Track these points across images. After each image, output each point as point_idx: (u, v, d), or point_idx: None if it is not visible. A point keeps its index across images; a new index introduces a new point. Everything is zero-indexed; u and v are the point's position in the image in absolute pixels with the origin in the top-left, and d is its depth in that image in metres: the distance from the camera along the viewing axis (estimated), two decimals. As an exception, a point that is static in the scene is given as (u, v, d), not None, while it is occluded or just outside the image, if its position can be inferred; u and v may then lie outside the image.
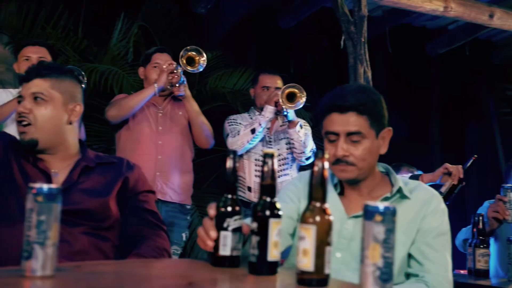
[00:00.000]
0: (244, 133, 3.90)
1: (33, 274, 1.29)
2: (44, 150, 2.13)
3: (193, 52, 3.82)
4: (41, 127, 2.10)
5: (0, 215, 1.99)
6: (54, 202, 1.33)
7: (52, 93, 2.13)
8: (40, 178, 2.07)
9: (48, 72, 2.17)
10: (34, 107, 2.10)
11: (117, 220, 2.14)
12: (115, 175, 2.19)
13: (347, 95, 1.93)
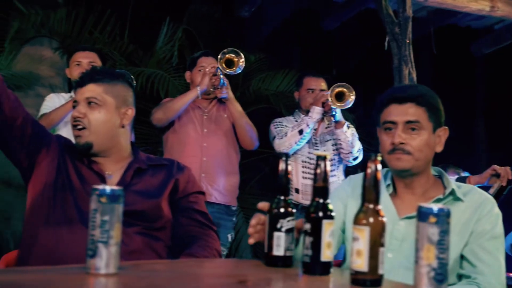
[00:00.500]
0: (292, 134, 3.94)
1: (97, 272, 1.35)
2: (98, 153, 2.20)
3: (232, 54, 3.86)
4: (95, 130, 2.17)
5: (59, 216, 2.06)
6: (116, 203, 1.38)
7: (105, 98, 2.20)
8: (95, 180, 2.14)
9: (101, 77, 2.24)
10: (88, 111, 2.18)
11: (168, 221, 2.19)
12: (167, 177, 2.24)
13: (406, 88, 1.99)
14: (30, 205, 2.14)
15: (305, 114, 4.09)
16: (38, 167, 2.15)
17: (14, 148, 2.10)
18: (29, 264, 2.01)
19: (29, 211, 2.14)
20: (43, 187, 2.12)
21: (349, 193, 2.08)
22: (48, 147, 2.17)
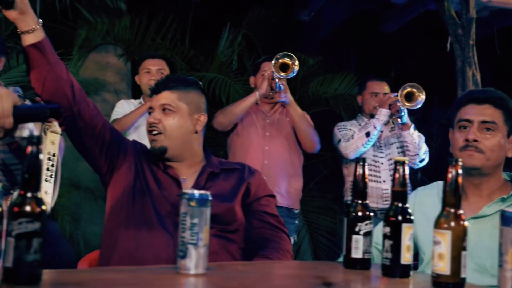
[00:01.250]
0: (359, 136, 3.96)
1: (187, 272, 1.42)
2: (173, 158, 2.28)
3: (286, 58, 3.89)
4: (169, 135, 2.25)
5: (138, 219, 2.15)
6: (205, 207, 1.45)
7: (179, 104, 2.28)
8: (171, 184, 2.23)
9: (175, 84, 2.32)
10: (163, 117, 2.26)
11: (242, 224, 2.25)
12: (239, 180, 2.31)
13: (485, 90, 2.03)
14: (110, 208, 2.24)
15: (368, 117, 4.11)
16: (116, 172, 2.24)
17: (94, 155, 2.20)
18: (110, 265, 2.10)
19: (109, 214, 2.24)
20: (122, 191, 2.21)
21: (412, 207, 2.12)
22: (125, 153, 2.27)
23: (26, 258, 1.22)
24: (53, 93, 1.98)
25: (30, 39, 1.91)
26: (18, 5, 1.85)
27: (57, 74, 1.99)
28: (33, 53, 1.94)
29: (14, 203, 1.24)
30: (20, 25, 1.90)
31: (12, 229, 1.22)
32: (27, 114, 1.53)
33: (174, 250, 2.07)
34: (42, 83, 1.96)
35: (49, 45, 1.99)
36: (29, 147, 1.26)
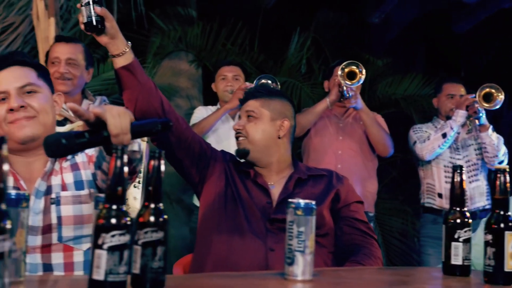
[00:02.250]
0: (435, 137, 3.95)
1: (295, 278, 1.48)
2: (256, 161, 2.36)
3: (353, 66, 3.88)
4: (252, 139, 2.34)
5: (230, 226, 2.23)
6: (310, 215, 1.51)
7: (262, 111, 2.37)
8: (260, 191, 2.31)
9: (260, 93, 2.43)
10: (246, 123, 2.36)
11: (331, 228, 2.30)
12: (327, 186, 2.36)
13: None
14: (203, 216, 2.34)
15: (444, 120, 4.09)
16: (208, 181, 2.34)
17: (186, 167, 2.30)
18: (204, 271, 2.19)
19: (201, 221, 2.34)
20: (214, 199, 2.31)
21: None
22: (215, 162, 2.36)
23: (152, 265, 1.31)
24: (145, 111, 2.08)
25: (121, 62, 2.01)
26: (109, 31, 1.95)
27: (148, 93, 2.09)
28: (124, 75, 2.04)
29: (139, 214, 1.33)
30: (111, 49, 2.00)
31: (138, 238, 1.31)
32: (142, 129, 1.61)
33: (266, 255, 2.14)
34: (135, 103, 2.06)
35: (139, 65, 2.09)
36: (152, 161, 1.35)
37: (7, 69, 1.89)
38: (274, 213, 2.23)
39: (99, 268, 1.23)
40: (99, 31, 1.94)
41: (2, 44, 4.55)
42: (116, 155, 1.28)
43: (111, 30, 1.95)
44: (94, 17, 1.90)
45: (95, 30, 1.93)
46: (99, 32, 1.94)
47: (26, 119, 1.86)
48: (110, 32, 1.95)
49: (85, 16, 1.91)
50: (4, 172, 1.06)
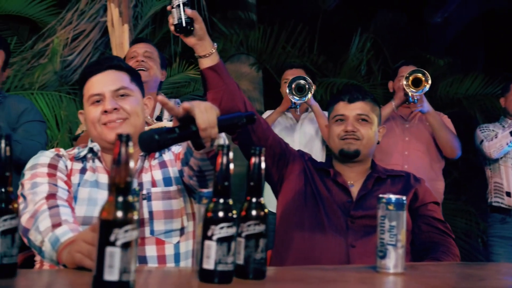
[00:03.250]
0: (503, 135, 3.92)
1: (387, 271, 1.53)
2: (359, 161, 2.40)
3: (419, 73, 3.86)
4: (366, 143, 2.39)
5: (311, 222, 2.30)
6: (401, 210, 1.56)
7: (372, 116, 2.42)
8: (340, 190, 2.36)
9: (368, 96, 2.47)
10: (360, 126, 2.40)
11: (408, 225, 2.33)
12: (405, 186, 2.40)
13: None
14: (282, 213, 2.40)
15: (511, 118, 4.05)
16: (287, 180, 2.41)
17: (267, 165, 2.35)
18: (285, 265, 2.25)
19: (280, 218, 2.40)
20: (293, 197, 2.37)
21: None
22: (294, 162, 2.42)
23: (255, 256, 1.38)
24: (229, 110, 2.10)
25: (207, 63, 2.10)
26: (197, 32, 2.04)
27: (232, 93, 2.17)
28: (210, 75, 2.12)
29: (241, 208, 1.41)
30: (198, 50, 2.08)
31: (242, 230, 1.39)
32: (228, 123, 1.67)
33: (347, 252, 2.19)
34: (219, 102, 2.13)
35: (224, 66, 2.17)
36: (253, 158, 1.42)
37: (103, 73, 1.98)
38: (354, 210, 2.28)
39: (209, 258, 1.31)
40: (188, 33, 2.02)
41: (74, 50, 4.74)
42: (222, 152, 1.36)
43: (199, 32, 2.03)
44: (185, 19, 1.99)
45: (184, 31, 2.01)
46: (188, 33, 2.02)
47: (119, 121, 1.96)
48: (198, 34, 2.03)
49: (176, 18, 1.99)
50: (131, 168, 1.15)
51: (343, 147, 2.39)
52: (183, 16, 1.99)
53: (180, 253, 1.93)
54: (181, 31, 2.02)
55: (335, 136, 2.42)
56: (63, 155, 1.98)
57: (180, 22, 1.99)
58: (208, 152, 1.71)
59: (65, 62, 4.78)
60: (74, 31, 4.76)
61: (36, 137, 2.88)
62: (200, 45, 2.06)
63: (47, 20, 4.99)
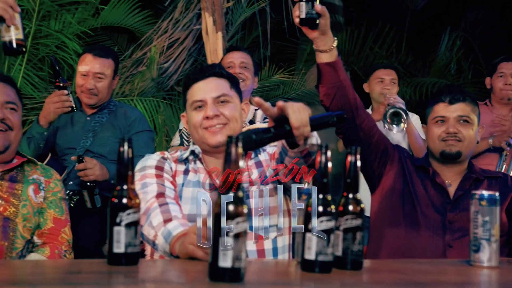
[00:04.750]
0: None
1: (481, 264, 1.59)
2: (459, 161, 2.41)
3: None
4: (467, 144, 2.39)
5: (408, 221, 2.32)
6: (494, 206, 1.61)
7: (473, 117, 2.42)
8: (437, 189, 2.37)
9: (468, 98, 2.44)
10: (462, 128, 2.40)
11: (506, 229, 2.32)
12: (504, 188, 2.36)
13: None
14: (377, 208, 2.45)
15: None
16: (385, 177, 2.43)
17: (368, 161, 2.39)
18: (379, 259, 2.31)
19: (375, 214, 2.45)
20: (390, 194, 2.40)
21: None
22: (394, 159, 2.45)
23: (352, 248, 1.48)
24: (340, 107, 2.19)
25: (326, 58, 2.13)
26: (322, 27, 2.07)
27: (346, 90, 2.20)
28: (327, 71, 2.16)
29: (339, 203, 1.51)
30: (318, 44, 2.11)
31: (339, 224, 1.49)
32: (320, 122, 1.76)
33: (444, 251, 2.22)
34: (332, 97, 2.19)
35: (341, 63, 2.20)
36: (349, 156, 1.52)
37: (206, 80, 2.11)
38: (451, 210, 2.30)
39: (310, 249, 1.42)
40: (314, 26, 2.04)
41: (170, 57, 4.98)
42: (321, 151, 1.46)
43: (324, 27, 2.07)
44: (314, 14, 2.01)
45: (311, 25, 2.04)
46: (313, 26, 2.04)
47: (219, 126, 2.09)
48: (322, 29, 2.07)
49: (304, 11, 2.02)
50: (241, 167, 1.28)
51: (445, 149, 2.39)
52: (312, 12, 2.01)
53: (277, 247, 2.04)
54: (307, 25, 2.04)
55: (435, 137, 2.42)
56: (168, 157, 2.13)
57: (309, 17, 2.01)
58: (302, 151, 1.81)
59: (161, 69, 5.04)
60: (169, 39, 5.01)
61: (142, 150, 3.08)
62: (322, 40, 2.09)
63: (144, 30, 5.28)
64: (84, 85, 3.16)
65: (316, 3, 2.02)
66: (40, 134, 3.00)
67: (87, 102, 3.20)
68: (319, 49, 2.13)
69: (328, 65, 2.14)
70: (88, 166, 2.87)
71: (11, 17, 1.88)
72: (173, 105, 4.98)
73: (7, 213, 2.07)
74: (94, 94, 3.18)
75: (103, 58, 3.22)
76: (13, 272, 1.46)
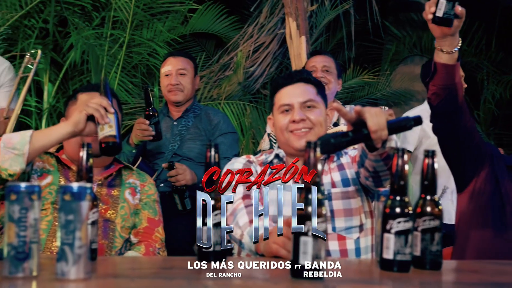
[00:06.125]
0: None
1: None
2: None
3: None
4: None
5: (497, 224, 2.29)
6: None
7: None
8: None
9: None
10: None
11: None
12: None
13: None
14: (465, 209, 2.37)
15: None
16: (477, 177, 2.35)
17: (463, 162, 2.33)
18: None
19: (463, 214, 2.39)
20: (480, 195, 2.35)
21: None
22: (485, 160, 2.39)
23: (431, 249, 1.52)
24: (446, 107, 2.16)
25: (446, 59, 2.06)
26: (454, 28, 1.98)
27: (456, 93, 2.15)
28: (442, 71, 2.09)
29: (416, 205, 1.55)
30: (442, 44, 2.04)
31: (417, 225, 1.53)
32: (397, 125, 1.79)
33: None
34: (442, 98, 2.14)
35: (459, 66, 2.14)
36: (426, 159, 1.56)
37: (293, 85, 2.19)
38: None
39: (388, 249, 1.48)
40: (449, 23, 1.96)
41: (255, 61, 5.11)
42: (397, 155, 1.51)
43: (455, 29, 2.01)
44: (452, 14, 1.95)
45: (446, 25, 1.97)
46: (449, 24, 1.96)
47: (304, 130, 2.15)
48: (453, 31, 2.00)
49: (443, 10, 1.95)
50: (319, 169, 1.36)
51: None
52: (452, 13, 1.95)
53: (360, 247, 2.09)
54: (441, 24, 1.97)
55: None
56: (253, 161, 2.23)
57: (447, 17, 1.95)
58: (381, 154, 1.86)
59: (247, 73, 5.17)
60: (255, 43, 5.14)
61: (227, 152, 3.20)
62: (447, 40, 2.03)
63: (230, 35, 5.44)
64: (169, 83, 3.33)
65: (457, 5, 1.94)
66: (129, 152, 3.19)
67: (174, 99, 3.35)
68: (442, 49, 2.06)
69: (445, 66, 2.08)
70: (179, 172, 3.03)
71: (102, 116, 2.02)
72: (259, 108, 5.10)
73: (107, 215, 2.23)
74: (180, 90, 3.33)
75: (182, 56, 3.43)
76: (113, 267, 1.61)
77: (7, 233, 1.32)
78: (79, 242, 1.28)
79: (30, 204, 1.32)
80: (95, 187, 2.25)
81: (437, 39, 2.04)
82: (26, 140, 1.99)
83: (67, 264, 1.27)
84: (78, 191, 1.29)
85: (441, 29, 1.99)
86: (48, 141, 2.03)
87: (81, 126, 2.03)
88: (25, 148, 1.97)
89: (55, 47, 4.88)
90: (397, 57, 5.80)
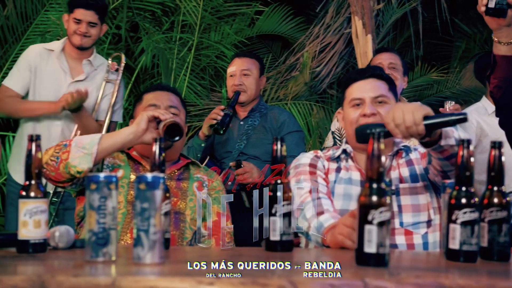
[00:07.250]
0: None
1: None
2: None
3: None
4: None
5: None
6: None
7: None
8: None
9: None
10: None
11: None
12: None
13: None
14: None
15: None
16: None
17: None
18: None
19: None
20: None
21: None
22: None
23: (499, 240, 1.51)
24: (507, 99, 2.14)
25: (504, 50, 2.06)
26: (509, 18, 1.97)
27: None
28: (502, 63, 2.09)
29: (483, 196, 1.55)
30: (499, 35, 2.04)
31: (484, 216, 1.53)
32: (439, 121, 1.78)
33: None
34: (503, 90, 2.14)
35: None
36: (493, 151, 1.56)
37: (365, 80, 2.20)
38: None
39: (454, 239, 1.48)
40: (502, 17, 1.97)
41: (322, 62, 5.14)
42: (462, 146, 1.52)
43: (510, 20, 2.00)
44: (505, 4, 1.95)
45: (499, 15, 1.97)
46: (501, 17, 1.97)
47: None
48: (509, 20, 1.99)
49: (495, 1, 1.96)
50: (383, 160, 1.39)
51: None
52: (504, 1, 1.95)
53: (428, 242, 2.08)
54: (495, 15, 1.97)
55: None
56: (321, 156, 2.27)
57: (499, 7, 1.95)
58: (442, 152, 1.86)
59: (313, 73, 5.20)
60: (321, 44, 5.17)
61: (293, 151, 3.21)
62: (504, 31, 2.02)
63: (297, 36, 5.49)
64: (233, 84, 3.40)
65: None
66: (198, 145, 3.29)
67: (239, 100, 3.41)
68: (500, 40, 2.05)
69: (505, 58, 2.07)
70: (246, 170, 3.10)
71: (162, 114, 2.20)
72: (325, 108, 5.13)
73: (178, 207, 2.32)
74: (243, 90, 3.39)
75: (247, 57, 3.49)
76: (185, 254, 1.69)
77: (88, 220, 1.41)
78: (153, 228, 1.35)
79: (109, 193, 1.41)
80: (165, 181, 2.35)
81: (494, 31, 2.03)
82: (95, 141, 2.13)
83: (143, 249, 1.35)
84: (152, 180, 1.36)
85: (496, 20, 1.98)
86: (115, 142, 2.17)
87: (143, 125, 2.15)
88: (94, 149, 2.11)
89: (127, 51, 5.06)
90: (467, 54, 5.69)
